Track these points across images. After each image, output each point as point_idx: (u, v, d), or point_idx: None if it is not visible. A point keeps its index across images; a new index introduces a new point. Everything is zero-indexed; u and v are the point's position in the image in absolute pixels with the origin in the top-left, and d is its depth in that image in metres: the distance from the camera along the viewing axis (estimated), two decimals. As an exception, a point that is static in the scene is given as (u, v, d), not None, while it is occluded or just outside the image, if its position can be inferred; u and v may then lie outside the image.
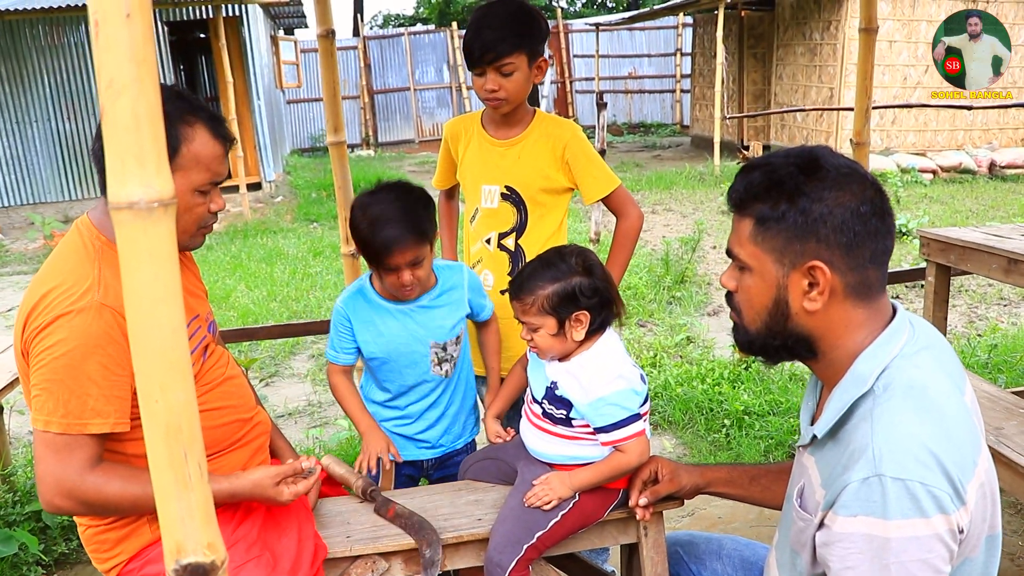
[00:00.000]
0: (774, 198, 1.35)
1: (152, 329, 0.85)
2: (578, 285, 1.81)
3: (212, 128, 1.67)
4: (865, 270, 1.35)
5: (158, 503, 0.89)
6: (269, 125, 12.88)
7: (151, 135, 0.81)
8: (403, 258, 2.01)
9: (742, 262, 1.42)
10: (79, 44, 11.40)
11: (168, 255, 0.84)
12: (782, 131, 14.05)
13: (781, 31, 13.85)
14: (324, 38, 3.09)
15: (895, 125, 12.60)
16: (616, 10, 31.38)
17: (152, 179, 0.81)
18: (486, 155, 2.50)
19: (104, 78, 0.79)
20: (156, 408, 0.86)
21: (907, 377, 1.31)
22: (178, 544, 0.90)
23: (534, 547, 1.82)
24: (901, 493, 1.18)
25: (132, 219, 0.81)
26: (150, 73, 0.80)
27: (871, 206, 1.33)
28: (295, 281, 7.35)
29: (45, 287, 1.60)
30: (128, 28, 0.77)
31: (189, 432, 0.88)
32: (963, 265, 3.10)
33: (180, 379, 0.87)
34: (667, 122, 20.51)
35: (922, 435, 1.23)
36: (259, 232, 9.99)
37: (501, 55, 2.28)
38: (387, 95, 19.56)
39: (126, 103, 0.79)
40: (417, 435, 2.28)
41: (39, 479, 1.61)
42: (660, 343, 5.37)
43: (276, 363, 5.45)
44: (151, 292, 0.84)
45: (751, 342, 1.48)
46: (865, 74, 3.35)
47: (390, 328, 2.18)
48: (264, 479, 1.73)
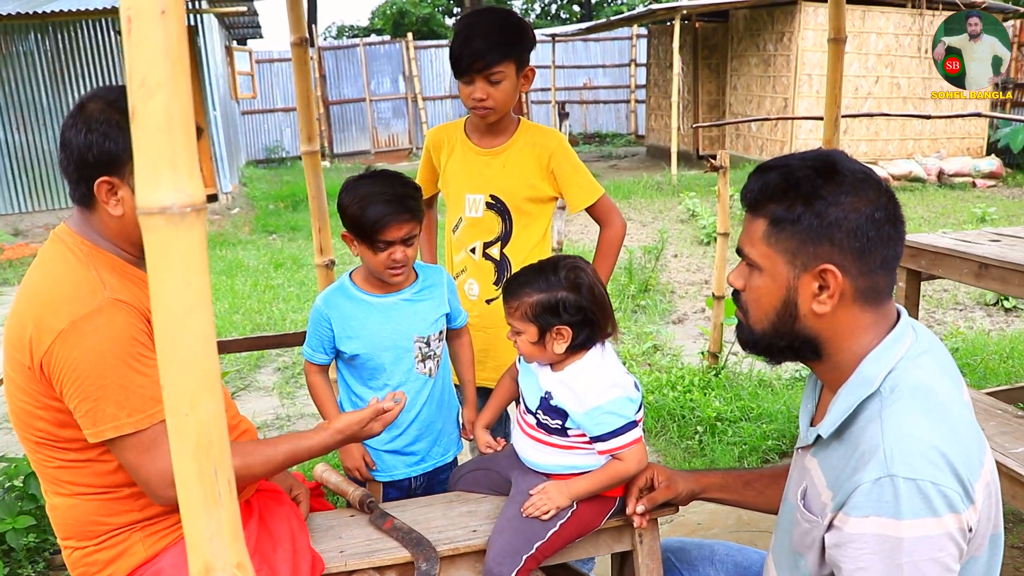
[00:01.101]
0: (790, 200, 1.35)
1: (183, 339, 0.82)
2: (563, 300, 1.80)
3: None
4: (875, 275, 1.35)
5: (184, 521, 0.86)
6: (225, 136, 12.71)
7: (184, 137, 0.78)
8: (398, 231, 2.02)
9: (753, 261, 1.41)
10: (28, 53, 11.11)
11: (200, 262, 0.81)
12: (737, 141, 14.25)
13: (735, 42, 14.06)
14: (298, 46, 3.04)
15: (847, 134, 12.84)
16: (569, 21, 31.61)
17: (185, 183, 0.78)
18: (470, 164, 2.48)
19: (136, 77, 0.75)
20: (186, 422, 0.83)
21: (913, 379, 1.32)
22: (207, 564, 0.86)
23: (533, 557, 1.80)
24: (913, 493, 1.19)
25: (164, 224, 0.78)
26: (184, 72, 0.77)
27: (885, 212, 1.34)
28: (257, 293, 7.24)
29: (43, 297, 1.55)
30: (163, 24, 0.74)
31: (220, 447, 0.85)
32: (934, 270, 3.16)
33: (211, 391, 0.83)
34: (622, 132, 20.69)
35: (931, 436, 1.24)
36: (218, 244, 9.83)
37: (491, 64, 2.27)
38: (342, 106, 19.42)
39: (159, 103, 0.76)
40: (406, 448, 2.24)
41: (144, 482, 1.56)
42: (628, 352, 5.39)
43: (242, 376, 5.36)
44: (182, 300, 0.81)
45: (756, 341, 1.47)
46: (834, 83, 3.40)
47: (373, 322, 2.16)
48: (350, 424, 1.82)
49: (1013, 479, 2.26)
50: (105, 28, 11.28)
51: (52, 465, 1.63)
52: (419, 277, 2.23)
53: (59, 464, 1.62)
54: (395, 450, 2.24)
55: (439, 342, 2.23)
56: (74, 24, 11.12)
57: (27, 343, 1.52)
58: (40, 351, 1.50)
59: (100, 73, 11.39)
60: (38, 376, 1.52)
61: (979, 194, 11.51)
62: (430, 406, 2.24)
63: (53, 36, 11.14)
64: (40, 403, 1.56)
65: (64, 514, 1.67)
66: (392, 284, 2.14)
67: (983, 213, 8.98)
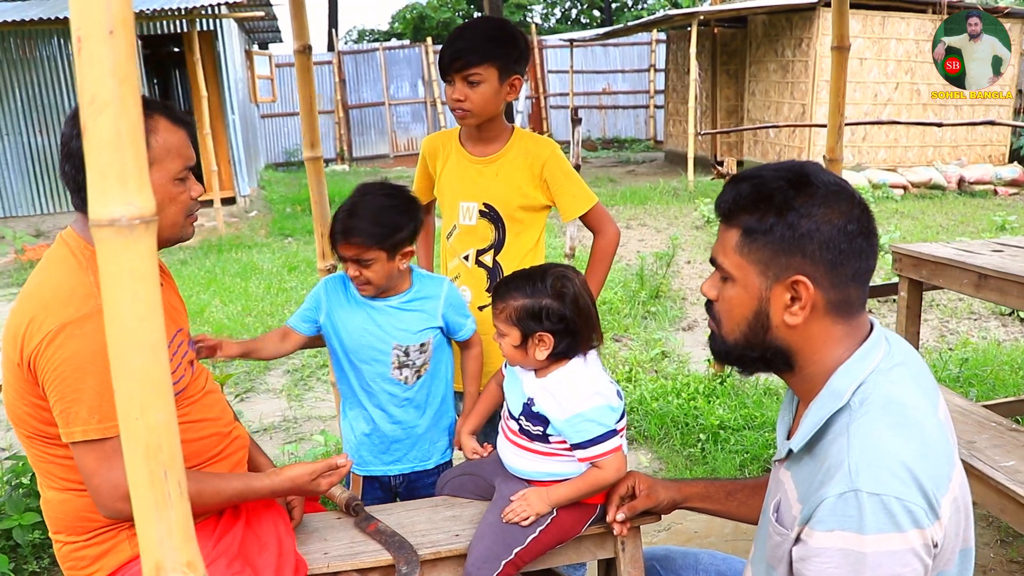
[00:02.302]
0: (762, 210, 1.35)
1: (133, 348, 0.85)
2: (546, 307, 1.83)
3: (170, 116, 1.70)
4: (847, 288, 1.35)
5: (137, 522, 0.89)
6: (243, 139, 12.82)
7: (133, 152, 0.80)
8: (346, 251, 2.12)
9: (726, 272, 1.42)
10: (51, 57, 11.29)
11: (149, 273, 0.84)
12: (755, 147, 14.21)
13: (754, 48, 14.03)
14: (301, 53, 3.08)
15: (866, 141, 12.78)
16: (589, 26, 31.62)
17: (134, 196, 0.81)
18: (464, 172, 2.51)
19: (86, 94, 0.78)
20: (136, 426, 0.86)
21: (883, 392, 1.32)
22: (157, 564, 0.89)
23: (512, 563, 1.82)
24: (877, 508, 1.19)
25: (113, 236, 0.81)
26: (133, 91, 0.80)
27: (858, 225, 1.34)
28: (270, 296, 7.31)
29: (41, 297, 1.59)
30: (111, 45, 0.77)
31: (169, 451, 0.87)
32: (935, 280, 3.15)
33: (160, 398, 0.86)
34: (641, 137, 20.66)
35: (898, 450, 1.23)
36: (233, 247, 9.92)
37: (469, 64, 2.30)
38: (362, 110, 19.55)
39: (108, 120, 0.79)
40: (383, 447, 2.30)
41: (95, 490, 1.59)
42: (635, 358, 5.39)
43: (251, 379, 5.41)
44: (132, 310, 0.84)
45: (728, 352, 1.48)
46: (838, 92, 3.41)
47: (356, 320, 2.23)
48: (301, 475, 1.85)
49: (1002, 492, 2.25)
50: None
51: (44, 460, 1.67)
52: (413, 287, 2.27)
53: (50, 459, 1.66)
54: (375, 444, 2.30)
55: (421, 353, 2.26)
56: (96, 28, 11.23)
57: (20, 340, 1.57)
58: (29, 349, 1.55)
59: (121, 77, 11.50)
60: (26, 373, 1.57)
61: (1000, 202, 11.41)
62: (406, 411, 2.28)
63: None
64: (27, 400, 1.60)
65: (56, 508, 1.71)
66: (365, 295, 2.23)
67: (1003, 221, 8.90)
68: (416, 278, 2.29)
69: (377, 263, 2.12)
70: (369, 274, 2.12)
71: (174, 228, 1.74)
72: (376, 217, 2.12)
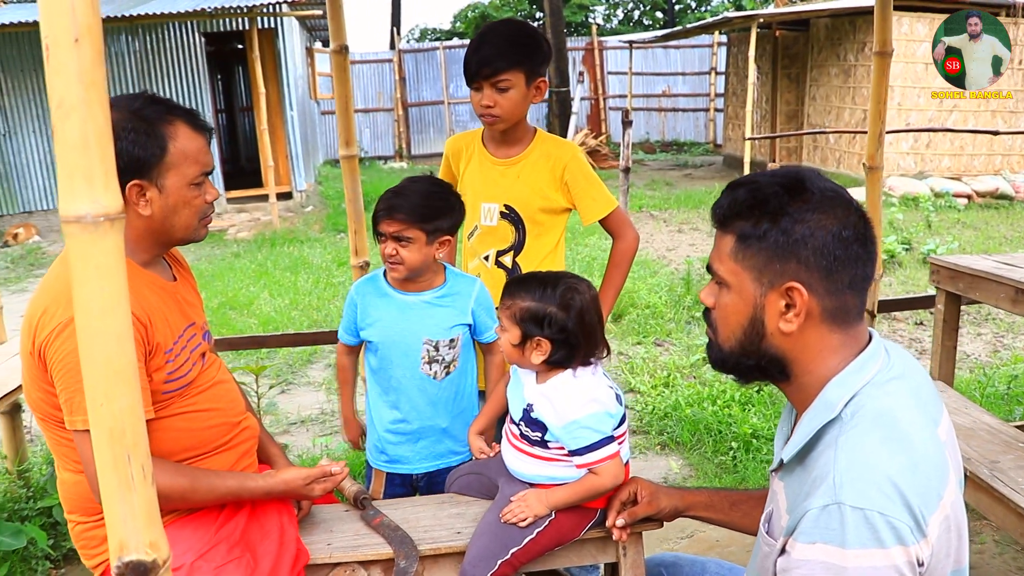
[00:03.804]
0: (756, 216, 1.34)
1: (98, 338, 0.89)
2: (550, 315, 1.83)
3: (191, 123, 1.76)
4: (843, 295, 1.34)
5: (104, 503, 0.94)
6: (301, 135, 13.05)
7: (99, 154, 0.85)
8: (388, 227, 2.16)
9: (721, 278, 1.41)
10: (119, 54, 11.65)
11: (115, 268, 0.88)
12: (814, 152, 13.97)
13: (815, 52, 13.80)
14: (338, 53, 3.15)
15: (930, 148, 12.47)
16: (652, 28, 31.41)
17: (100, 195, 0.86)
18: (486, 173, 2.54)
19: (55, 99, 0.83)
20: (101, 412, 0.91)
21: (877, 406, 1.30)
22: (121, 542, 0.94)
23: (508, 563, 1.84)
24: (860, 522, 1.18)
25: (80, 232, 0.86)
26: (99, 95, 0.85)
27: (854, 231, 1.33)
28: (318, 290, 7.44)
29: (55, 289, 1.66)
30: (77, 52, 0.82)
31: (133, 436, 0.92)
32: (971, 294, 3.07)
33: (124, 386, 0.91)
34: (700, 141, 20.47)
35: (885, 465, 1.22)
36: (286, 241, 10.11)
37: (497, 71, 2.32)
38: (421, 108, 19.74)
39: (75, 123, 0.83)
40: (409, 443, 2.32)
41: (91, 477, 1.65)
42: (675, 363, 5.37)
43: (292, 371, 5.52)
44: (98, 303, 0.88)
45: (724, 360, 1.47)
46: (879, 98, 3.35)
47: (389, 314, 2.28)
48: (295, 479, 1.89)
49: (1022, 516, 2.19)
50: (189, 30, 11.74)
51: (58, 443, 1.75)
52: (447, 283, 2.31)
53: (63, 442, 1.73)
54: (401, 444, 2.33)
55: (451, 349, 2.29)
56: (161, 26, 11.61)
57: (33, 330, 1.64)
58: (40, 339, 1.62)
59: (184, 71, 11.85)
60: (37, 361, 1.64)
61: (1071, 214, 11.03)
62: (434, 408, 2.31)
63: (142, 37, 11.65)
64: (39, 386, 1.67)
65: (70, 489, 1.79)
66: (394, 277, 2.27)
67: (1071, 234, 8.63)
68: (450, 275, 2.33)
69: (415, 244, 2.17)
70: (405, 253, 2.17)
71: (187, 230, 1.79)
72: (421, 199, 2.19)
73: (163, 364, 1.72)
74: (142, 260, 1.80)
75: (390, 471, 2.38)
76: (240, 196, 12.53)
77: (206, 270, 8.65)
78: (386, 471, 2.39)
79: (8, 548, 2.86)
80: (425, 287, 2.28)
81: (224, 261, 9.22)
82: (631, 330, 6.10)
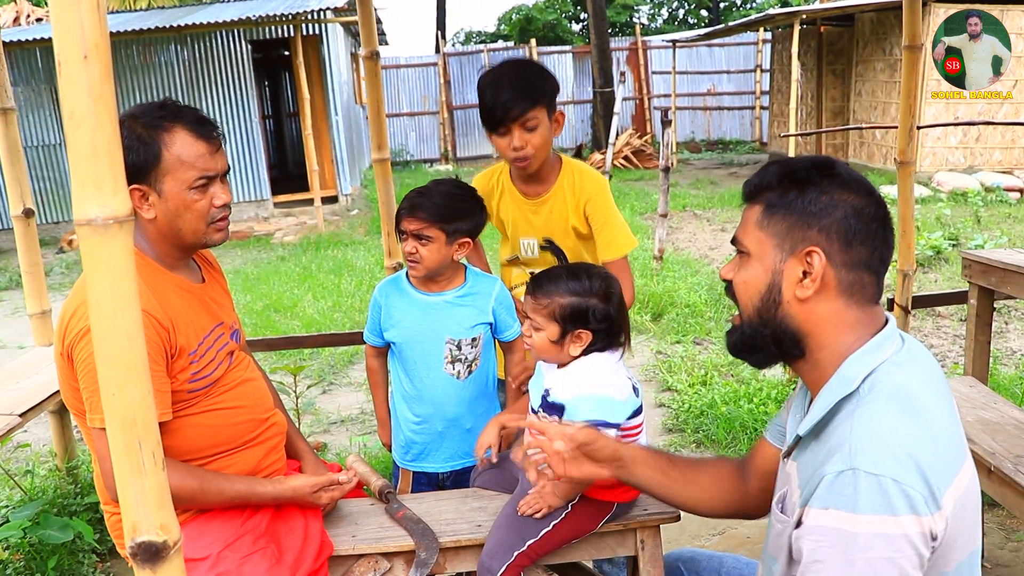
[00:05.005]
0: (785, 186, 1.41)
1: (110, 332, 0.96)
2: (594, 307, 1.87)
3: (193, 129, 1.80)
4: (860, 271, 1.38)
5: (118, 487, 1.00)
6: (347, 140, 13.23)
7: (108, 161, 0.92)
8: (409, 224, 2.23)
9: (744, 248, 1.46)
10: (168, 63, 11.98)
11: (124, 267, 0.95)
12: (860, 149, 13.77)
13: (860, 47, 13.59)
14: (369, 59, 3.23)
15: (980, 142, 12.21)
16: (697, 26, 31.19)
17: (109, 199, 0.92)
18: (519, 210, 2.57)
19: (67, 111, 0.90)
20: (113, 401, 0.97)
21: (894, 381, 1.32)
22: (134, 524, 1.01)
23: (525, 554, 1.88)
24: (873, 488, 1.18)
25: (91, 234, 0.93)
26: (108, 107, 0.91)
27: (874, 211, 1.38)
28: (360, 293, 7.55)
29: (83, 294, 1.74)
30: (86, 68, 0.89)
31: (143, 424, 0.98)
32: (1004, 288, 3.04)
33: (135, 377, 0.97)
34: (746, 139, 20.27)
35: (902, 434, 1.23)
36: (331, 244, 10.27)
37: (525, 110, 2.32)
38: (466, 111, 19.85)
39: (85, 133, 0.90)
40: (434, 443, 2.38)
41: (105, 474, 1.77)
42: (712, 361, 5.36)
43: (334, 372, 5.63)
44: (109, 300, 0.95)
45: (741, 333, 1.49)
46: (909, 92, 3.33)
47: (412, 315, 2.34)
48: (303, 487, 1.94)
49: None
50: (237, 38, 11.98)
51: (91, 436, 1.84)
52: (467, 283, 2.36)
53: None
54: (425, 442, 2.39)
55: (473, 348, 2.34)
56: (209, 35, 11.88)
57: (64, 330, 1.73)
58: (69, 339, 1.70)
59: (231, 79, 12.10)
60: (66, 361, 1.73)
61: None
62: (458, 407, 2.36)
63: (190, 46, 11.93)
64: (70, 384, 1.76)
65: (101, 481, 1.88)
66: (413, 275, 2.33)
67: (1124, 229, 8.40)
68: (470, 274, 2.39)
69: (435, 243, 2.23)
70: (424, 252, 2.23)
71: (195, 234, 1.85)
72: (444, 199, 2.25)
73: (187, 365, 1.80)
74: (168, 264, 1.88)
75: (416, 470, 2.44)
76: (287, 200, 12.75)
77: (252, 273, 8.83)
78: (412, 470, 2.44)
79: (56, 541, 2.97)
80: (446, 287, 2.34)
81: (270, 264, 9.40)
82: (670, 329, 6.10)
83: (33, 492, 3.52)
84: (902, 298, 3.30)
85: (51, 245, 11.50)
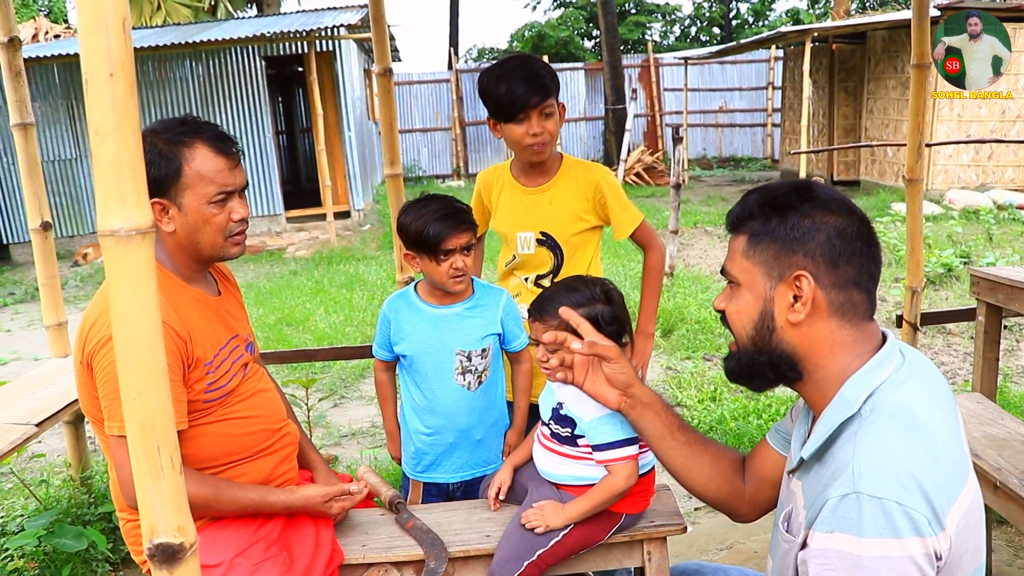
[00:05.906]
0: (767, 214, 1.43)
1: (132, 340, 0.99)
2: (601, 312, 1.91)
3: (213, 145, 1.85)
4: (849, 290, 1.40)
5: (136, 490, 1.03)
6: (359, 155, 13.32)
7: (131, 175, 0.95)
8: (458, 240, 2.25)
9: (733, 278, 1.48)
10: (183, 78, 12.11)
11: (146, 277, 0.98)
12: (872, 166, 13.77)
13: (872, 64, 13.62)
14: (382, 76, 3.27)
15: (992, 160, 12.20)
16: (709, 44, 31.27)
17: (132, 212, 0.96)
18: (519, 203, 2.64)
19: (92, 127, 0.94)
20: (134, 406, 1.00)
21: (895, 401, 1.34)
22: (152, 526, 1.04)
23: (534, 564, 1.90)
24: (877, 511, 1.20)
25: (114, 245, 0.96)
26: (131, 123, 0.95)
27: (857, 229, 1.40)
28: (372, 307, 7.60)
29: (103, 304, 1.78)
30: (111, 85, 0.93)
31: (163, 429, 1.02)
32: (1012, 305, 3.05)
33: (155, 384, 1.01)
34: (758, 156, 20.29)
35: (904, 456, 1.25)
36: (343, 259, 10.33)
37: (545, 97, 2.42)
38: (478, 127, 19.95)
39: (110, 148, 0.94)
40: (444, 454, 2.40)
41: (122, 481, 1.80)
42: (722, 377, 5.36)
43: (345, 385, 5.66)
44: (131, 308, 0.98)
45: (738, 361, 1.52)
46: (917, 110, 3.36)
47: (422, 328, 2.37)
48: (315, 496, 1.97)
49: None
50: (250, 54, 12.11)
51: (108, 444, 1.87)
52: (475, 294, 2.41)
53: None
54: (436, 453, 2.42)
55: (483, 359, 2.37)
56: (223, 51, 12.01)
57: (83, 339, 1.77)
58: (88, 348, 1.74)
59: (245, 94, 12.22)
60: (85, 369, 1.77)
61: None
62: (469, 418, 2.39)
63: (205, 62, 12.07)
64: (88, 392, 1.80)
65: (118, 488, 1.91)
66: (455, 292, 2.35)
67: None
68: (477, 286, 2.43)
69: (473, 251, 2.33)
70: (469, 261, 2.31)
71: (214, 248, 1.89)
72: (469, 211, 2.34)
73: (203, 376, 1.83)
74: (186, 276, 1.92)
75: (426, 481, 2.46)
76: (299, 215, 12.84)
77: (264, 287, 8.89)
78: (423, 481, 2.47)
79: (70, 550, 3.01)
80: (456, 299, 2.37)
81: (282, 279, 9.47)
82: (680, 345, 6.12)
83: (48, 501, 3.56)
84: (911, 315, 3.31)
85: (66, 259, 11.61)
